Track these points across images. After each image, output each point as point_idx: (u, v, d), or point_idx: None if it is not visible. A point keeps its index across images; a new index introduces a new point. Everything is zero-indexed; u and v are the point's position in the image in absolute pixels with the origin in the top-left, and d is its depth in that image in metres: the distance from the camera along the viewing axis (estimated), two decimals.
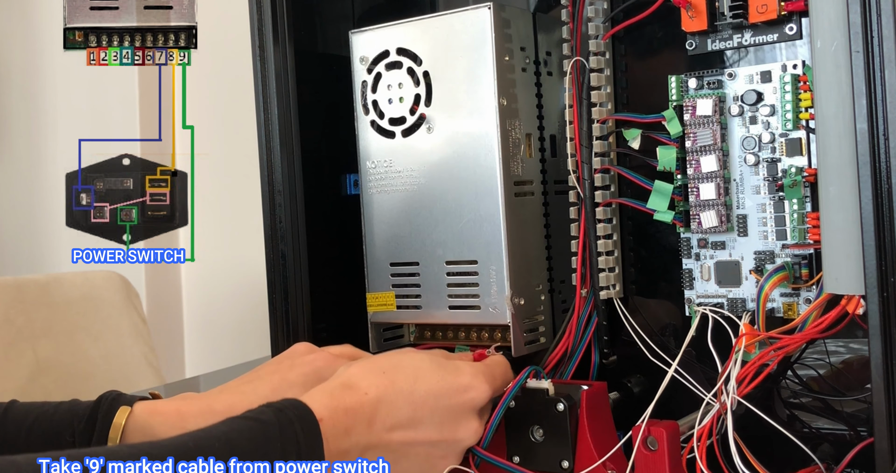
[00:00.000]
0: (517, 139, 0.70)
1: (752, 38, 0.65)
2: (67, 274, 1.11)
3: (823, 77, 0.56)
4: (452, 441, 0.61)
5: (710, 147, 0.65)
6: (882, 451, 0.53)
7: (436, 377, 0.61)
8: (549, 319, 0.73)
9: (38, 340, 1.07)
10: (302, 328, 0.75)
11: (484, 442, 0.62)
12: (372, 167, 0.75)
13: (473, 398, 0.61)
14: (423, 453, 0.60)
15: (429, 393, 0.60)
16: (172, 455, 0.48)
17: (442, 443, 0.60)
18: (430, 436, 0.60)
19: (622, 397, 0.70)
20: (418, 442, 0.60)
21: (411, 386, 0.60)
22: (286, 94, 0.75)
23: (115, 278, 1.14)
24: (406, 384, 0.60)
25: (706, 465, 0.58)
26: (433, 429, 0.60)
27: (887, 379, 0.53)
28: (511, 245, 0.69)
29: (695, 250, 0.68)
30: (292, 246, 0.75)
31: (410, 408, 0.59)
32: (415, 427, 0.59)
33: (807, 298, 0.63)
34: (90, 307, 1.12)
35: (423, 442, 0.60)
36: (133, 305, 1.16)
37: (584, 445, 0.62)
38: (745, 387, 0.59)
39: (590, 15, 0.70)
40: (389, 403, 0.59)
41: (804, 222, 0.63)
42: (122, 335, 1.14)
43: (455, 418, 0.61)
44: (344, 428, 0.56)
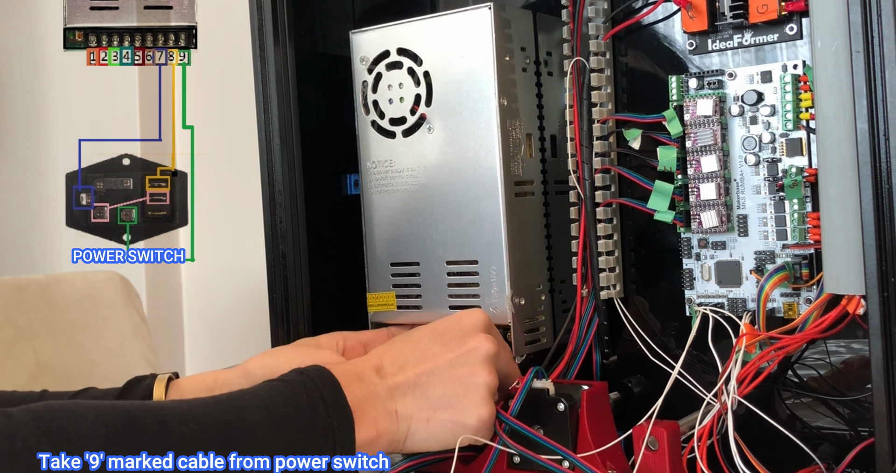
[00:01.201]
0: (517, 139, 0.70)
1: (753, 38, 0.65)
2: (67, 274, 1.11)
3: (824, 77, 0.56)
4: (466, 352, 0.61)
5: (711, 147, 0.65)
6: (882, 451, 0.54)
7: (430, 324, 0.64)
8: (550, 319, 0.73)
9: (38, 340, 1.06)
10: (302, 328, 0.75)
11: (513, 410, 0.61)
12: (372, 167, 0.75)
13: (471, 317, 0.63)
14: (448, 376, 0.60)
15: (424, 332, 0.63)
16: (217, 408, 0.52)
17: (459, 359, 0.60)
18: (443, 357, 0.61)
19: (623, 397, 0.70)
20: (437, 368, 0.60)
21: (406, 336, 0.63)
22: (286, 94, 0.75)
23: (115, 278, 1.14)
24: (401, 338, 0.64)
25: (707, 465, 0.58)
26: (442, 350, 0.61)
27: (888, 379, 0.53)
28: (511, 245, 0.69)
29: (695, 250, 0.68)
30: (293, 246, 0.75)
31: (411, 347, 0.61)
32: (424, 358, 0.61)
33: (807, 298, 0.63)
34: (90, 307, 1.11)
35: (442, 366, 0.60)
36: (133, 305, 1.15)
37: (585, 445, 0.62)
38: (746, 387, 0.59)
39: (590, 15, 0.70)
40: (388, 351, 0.62)
41: (804, 222, 0.63)
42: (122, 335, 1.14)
43: (460, 337, 0.62)
44: (354, 374, 0.58)
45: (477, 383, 0.60)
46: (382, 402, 0.58)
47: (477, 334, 0.62)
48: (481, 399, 0.59)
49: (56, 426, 0.47)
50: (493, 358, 0.61)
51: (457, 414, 0.59)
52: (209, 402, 0.53)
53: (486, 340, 0.61)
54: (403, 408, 0.59)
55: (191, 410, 0.52)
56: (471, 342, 0.61)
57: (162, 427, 0.49)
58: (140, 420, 0.49)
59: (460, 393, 0.60)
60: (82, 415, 0.48)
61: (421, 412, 0.59)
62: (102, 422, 0.48)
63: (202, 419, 0.51)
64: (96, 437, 0.47)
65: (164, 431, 0.49)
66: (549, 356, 0.73)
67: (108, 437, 0.47)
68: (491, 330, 0.64)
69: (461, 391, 0.60)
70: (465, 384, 0.60)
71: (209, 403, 0.53)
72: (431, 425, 0.59)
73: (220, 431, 0.51)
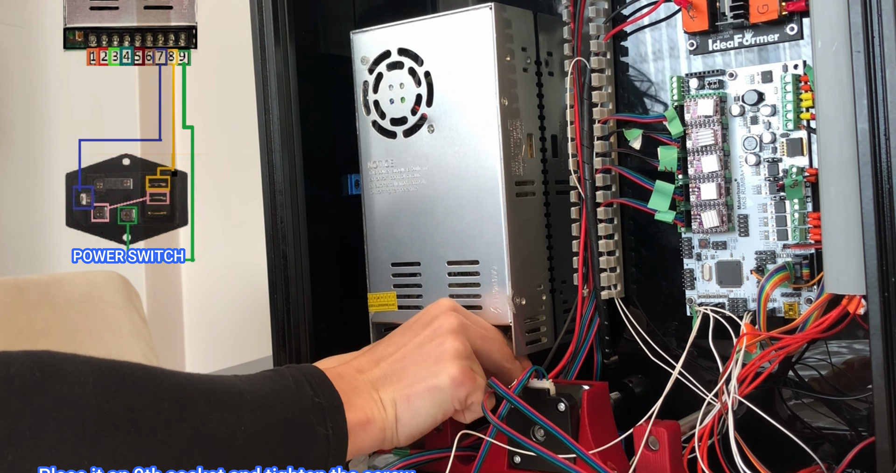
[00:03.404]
0: (518, 139, 0.70)
1: (753, 38, 0.65)
2: (68, 274, 1.11)
3: (824, 77, 0.56)
4: (431, 331, 0.63)
5: (711, 147, 0.65)
6: (883, 451, 0.54)
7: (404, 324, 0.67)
8: (551, 319, 0.73)
9: (38, 340, 1.06)
10: (303, 329, 0.75)
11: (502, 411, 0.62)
12: (373, 167, 0.75)
13: (436, 305, 0.66)
14: (417, 355, 0.63)
15: (397, 330, 0.66)
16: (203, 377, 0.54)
17: (425, 339, 0.63)
18: (412, 341, 0.64)
19: (623, 397, 0.70)
20: (407, 353, 0.63)
21: (383, 338, 0.66)
22: (287, 94, 0.75)
23: (115, 278, 1.14)
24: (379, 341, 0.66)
25: (707, 465, 0.58)
26: (410, 337, 0.64)
27: (888, 379, 0.53)
28: (512, 245, 0.69)
29: (696, 250, 0.68)
30: (293, 246, 0.75)
31: (384, 344, 0.65)
32: (396, 348, 0.64)
33: (808, 298, 0.63)
34: (90, 307, 1.11)
35: (411, 349, 0.63)
36: (133, 305, 1.15)
37: (586, 445, 0.62)
38: (746, 387, 0.59)
39: (591, 15, 0.70)
40: (366, 353, 0.65)
41: (805, 222, 0.63)
42: (123, 335, 1.14)
43: (425, 323, 0.65)
44: (337, 374, 0.61)
45: (444, 349, 0.62)
46: (368, 392, 0.61)
47: (440, 314, 0.65)
48: (450, 361, 0.62)
49: (48, 357, 0.48)
50: (458, 329, 0.63)
51: (430, 381, 0.61)
52: (190, 373, 0.55)
53: (449, 316, 0.64)
54: (386, 395, 0.61)
55: (175, 372, 0.53)
56: (434, 322, 0.64)
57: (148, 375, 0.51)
58: (127, 367, 0.51)
59: (430, 363, 0.62)
60: (73, 357, 0.49)
61: (400, 392, 0.61)
62: (90, 361, 0.49)
63: (188, 377, 0.53)
64: (86, 372, 0.48)
65: (150, 377, 0.51)
66: (550, 356, 0.73)
67: (98, 372, 0.48)
68: (456, 310, 0.66)
69: (431, 361, 0.62)
70: (433, 355, 0.62)
71: (190, 373, 0.55)
72: (413, 402, 0.61)
73: (207, 386, 0.53)
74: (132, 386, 0.49)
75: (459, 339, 0.63)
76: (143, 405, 0.48)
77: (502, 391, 0.62)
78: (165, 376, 0.52)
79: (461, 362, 0.62)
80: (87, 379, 0.47)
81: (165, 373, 0.52)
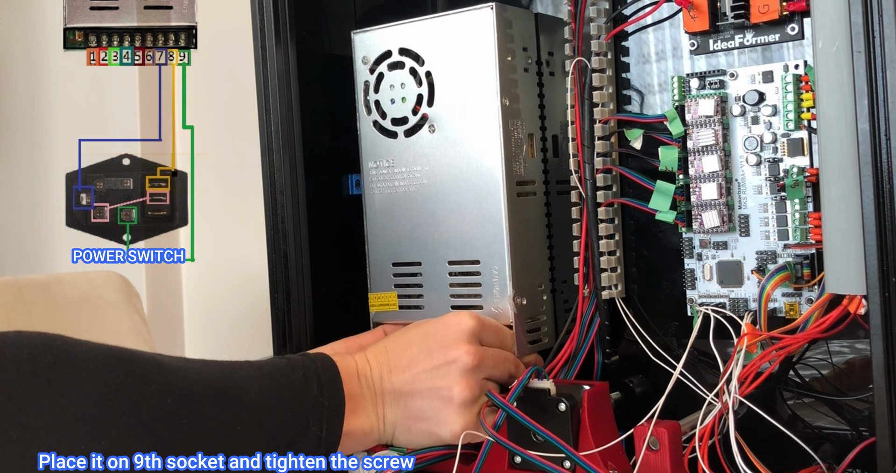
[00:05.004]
0: (519, 139, 0.70)
1: (754, 38, 0.65)
2: (68, 274, 1.11)
3: (825, 77, 0.56)
4: (445, 364, 0.63)
5: (712, 147, 0.65)
6: (883, 451, 0.54)
7: (423, 323, 0.67)
8: (552, 319, 0.73)
9: None
10: (303, 329, 0.75)
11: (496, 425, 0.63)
12: (374, 167, 0.75)
13: (459, 324, 0.65)
14: (427, 388, 0.63)
15: (414, 335, 0.66)
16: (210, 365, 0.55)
17: (438, 371, 0.63)
18: (424, 365, 0.64)
19: (624, 397, 0.70)
20: (417, 378, 0.63)
21: (400, 336, 0.67)
22: (288, 94, 0.75)
23: (115, 278, 1.14)
24: (395, 337, 0.67)
25: (708, 465, 0.58)
26: (425, 358, 0.64)
27: (889, 379, 0.53)
28: (513, 245, 0.69)
29: (697, 250, 0.68)
30: (294, 246, 0.75)
31: (400, 351, 0.65)
32: (409, 364, 0.64)
33: (808, 298, 0.63)
34: (91, 307, 1.11)
35: (422, 377, 0.63)
36: (133, 305, 1.15)
37: (586, 445, 0.62)
38: (747, 387, 0.59)
39: (591, 15, 0.70)
40: (383, 351, 0.65)
41: (806, 222, 0.63)
42: (123, 335, 1.14)
43: (444, 345, 0.64)
44: (356, 371, 0.62)
45: (452, 397, 0.63)
46: (373, 404, 0.62)
47: (460, 344, 0.64)
48: (455, 414, 0.63)
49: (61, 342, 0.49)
50: (471, 370, 0.63)
51: (432, 427, 0.63)
52: (203, 361, 0.56)
53: (467, 352, 0.64)
54: (389, 414, 0.63)
55: (186, 362, 0.54)
56: (452, 352, 0.64)
57: (157, 367, 0.52)
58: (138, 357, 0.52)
59: (436, 408, 0.63)
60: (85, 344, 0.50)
61: (403, 420, 0.63)
62: (101, 349, 0.50)
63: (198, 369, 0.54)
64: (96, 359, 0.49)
65: (158, 369, 0.52)
66: (551, 356, 0.73)
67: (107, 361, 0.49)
68: (477, 337, 0.65)
69: (437, 406, 0.63)
70: (441, 398, 0.63)
71: (203, 361, 0.56)
72: (412, 433, 0.63)
73: (216, 381, 0.54)
74: (139, 377, 0.50)
75: (470, 386, 0.63)
76: (146, 396, 0.49)
77: (500, 402, 0.62)
78: (174, 369, 0.53)
79: (464, 416, 0.63)
80: (96, 367, 0.48)
81: (176, 365, 0.53)
